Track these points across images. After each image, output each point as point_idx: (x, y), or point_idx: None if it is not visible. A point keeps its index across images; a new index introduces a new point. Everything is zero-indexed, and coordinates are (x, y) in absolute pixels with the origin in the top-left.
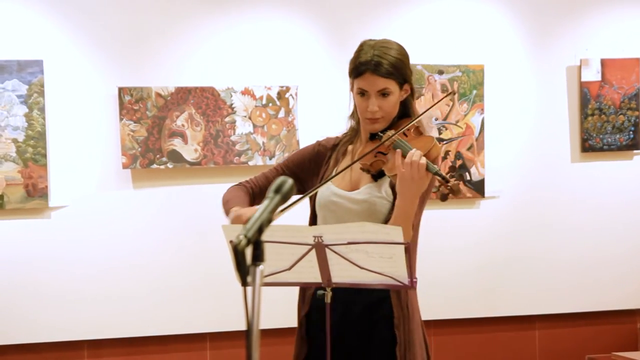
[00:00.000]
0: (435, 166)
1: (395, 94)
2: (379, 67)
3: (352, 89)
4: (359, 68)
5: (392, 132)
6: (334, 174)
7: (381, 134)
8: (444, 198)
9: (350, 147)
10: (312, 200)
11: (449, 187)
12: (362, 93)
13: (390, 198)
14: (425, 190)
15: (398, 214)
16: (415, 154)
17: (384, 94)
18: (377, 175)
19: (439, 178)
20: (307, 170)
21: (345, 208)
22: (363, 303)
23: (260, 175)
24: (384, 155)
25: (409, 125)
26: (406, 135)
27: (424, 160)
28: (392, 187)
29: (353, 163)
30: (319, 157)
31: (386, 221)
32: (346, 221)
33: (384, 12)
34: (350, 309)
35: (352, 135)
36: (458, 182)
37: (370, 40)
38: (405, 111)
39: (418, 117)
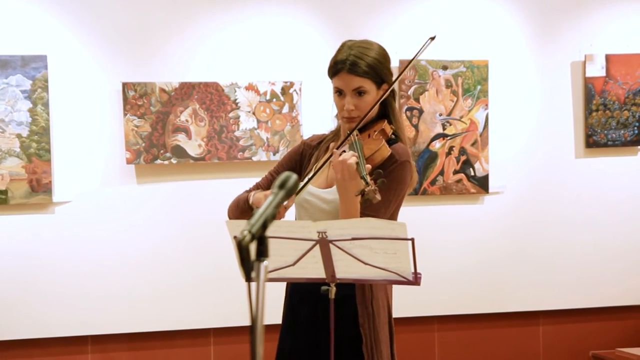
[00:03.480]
0: (362, 169)
1: (371, 94)
2: (354, 66)
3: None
4: (335, 67)
5: (355, 132)
6: (311, 174)
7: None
8: (363, 202)
9: (332, 145)
10: None
11: (364, 192)
12: (339, 92)
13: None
14: (399, 187)
15: (340, 211)
16: (346, 155)
17: (359, 92)
18: None
19: (362, 180)
20: (296, 171)
21: (317, 207)
22: (327, 299)
23: (253, 185)
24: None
25: (359, 126)
26: (369, 137)
27: (353, 161)
28: None
29: (324, 162)
30: (304, 157)
31: None
32: (318, 219)
33: (389, 7)
34: (317, 305)
35: (336, 133)
36: (375, 189)
37: (350, 40)
38: (385, 112)
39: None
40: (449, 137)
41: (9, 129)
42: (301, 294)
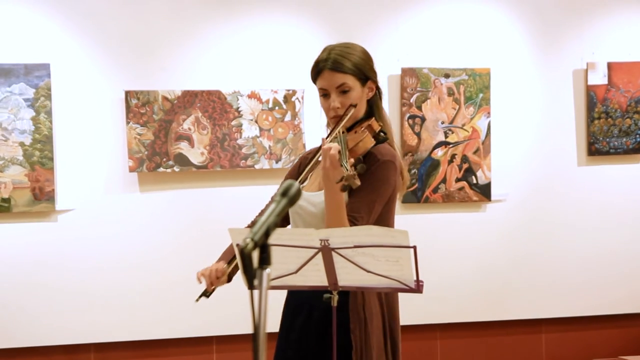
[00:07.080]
0: (343, 157)
1: (355, 90)
2: (335, 63)
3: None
4: (316, 67)
5: (342, 128)
6: (302, 176)
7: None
8: (344, 189)
9: None
10: None
11: (343, 177)
12: (324, 94)
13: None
14: (382, 186)
15: (326, 206)
16: (328, 145)
17: (343, 90)
18: None
19: (342, 167)
20: None
21: (307, 211)
22: (322, 307)
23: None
24: None
25: (343, 123)
26: (355, 132)
27: (335, 149)
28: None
29: (313, 164)
30: (301, 170)
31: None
32: (310, 223)
33: (391, 16)
34: (312, 313)
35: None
36: (354, 174)
37: (332, 44)
38: (371, 112)
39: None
40: (451, 145)
41: (12, 137)
42: (297, 303)
